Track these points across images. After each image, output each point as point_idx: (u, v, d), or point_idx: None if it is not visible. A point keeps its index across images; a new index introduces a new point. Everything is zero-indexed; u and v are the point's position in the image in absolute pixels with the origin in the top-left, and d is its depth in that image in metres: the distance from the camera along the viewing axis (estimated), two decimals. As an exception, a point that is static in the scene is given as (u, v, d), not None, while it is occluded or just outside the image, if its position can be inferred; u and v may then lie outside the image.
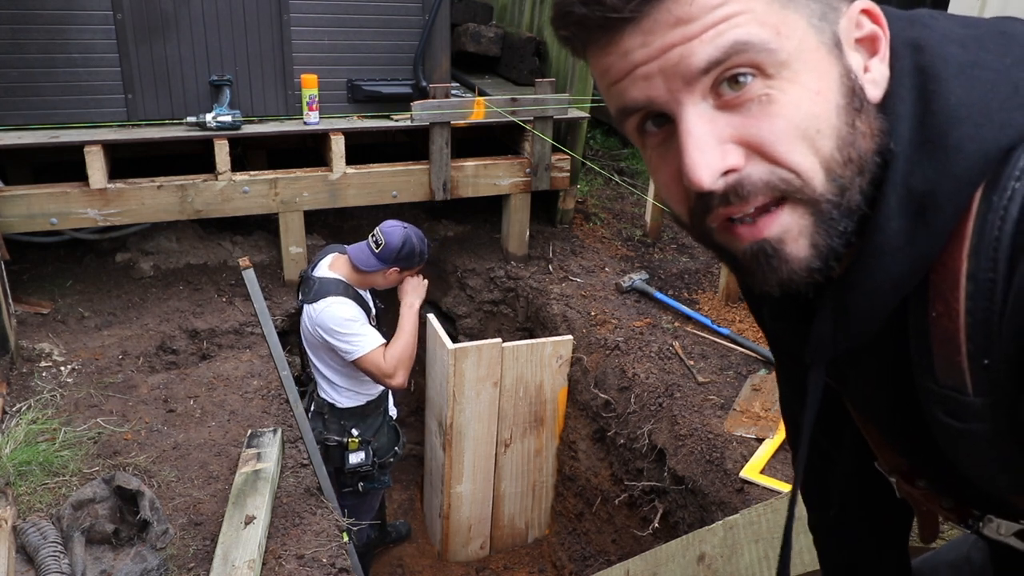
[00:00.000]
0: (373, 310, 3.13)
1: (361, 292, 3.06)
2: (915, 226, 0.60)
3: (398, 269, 3.01)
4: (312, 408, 3.17)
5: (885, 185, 0.61)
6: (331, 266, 3.06)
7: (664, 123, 0.64)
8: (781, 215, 0.62)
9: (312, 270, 3.09)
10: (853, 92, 0.61)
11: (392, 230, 2.99)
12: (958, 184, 0.58)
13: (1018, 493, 0.65)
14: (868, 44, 0.63)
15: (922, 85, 0.61)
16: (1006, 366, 0.57)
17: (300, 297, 3.09)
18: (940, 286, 0.60)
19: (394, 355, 2.95)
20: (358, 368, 2.97)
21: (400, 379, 2.95)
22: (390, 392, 3.31)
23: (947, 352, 0.60)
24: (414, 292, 3.13)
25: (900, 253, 0.61)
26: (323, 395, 3.13)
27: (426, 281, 3.20)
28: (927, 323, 0.61)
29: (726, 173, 0.60)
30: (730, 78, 0.59)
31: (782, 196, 0.61)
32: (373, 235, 3.00)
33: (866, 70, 0.63)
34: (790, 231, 0.62)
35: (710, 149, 0.60)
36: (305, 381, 3.30)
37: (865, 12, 0.63)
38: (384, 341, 2.96)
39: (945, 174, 0.59)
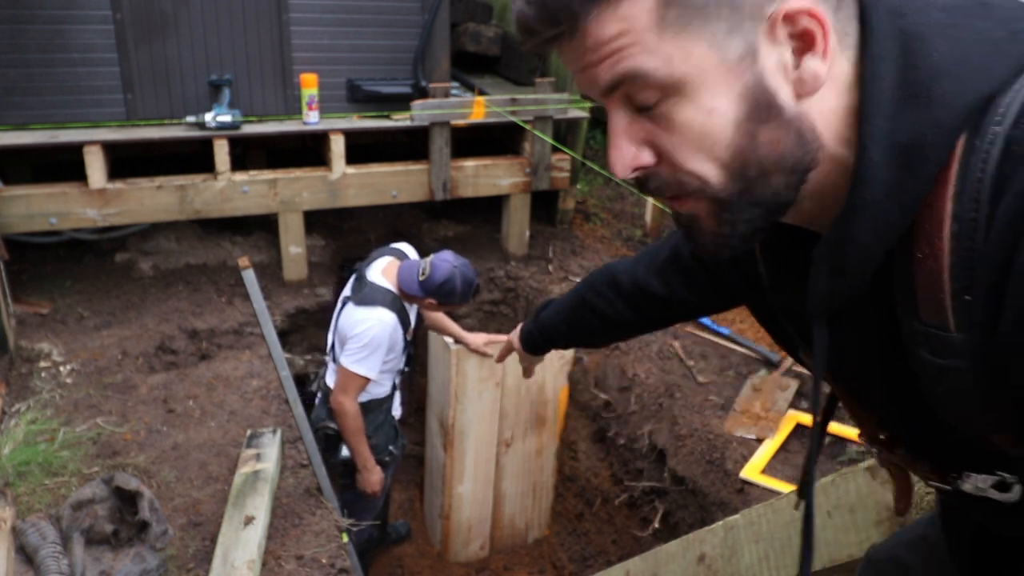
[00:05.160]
0: (412, 324, 3.10)
1: (407, 307, 3.02)
2: (902, 175, 0.64)
3: (435, 302, 2.96)
4: (319, 394, 3.19)
5: (865, 140, 0.65)
6: (384, 271, 2.99)
7: None
8: (689, 200, 0.71)
9: (366, 268, 3.05)
10: (757, 104, 0.66)
11: (441, 264, 2.89)
12: (942, 132, 0.62)
13: (993, 431, 0.68)
14: (800, 41, 0.65)
15: (905, 45, 0.64)
16: (982, 299, 0.60)
17: (349, 292, 3.04)
18: (925, 228, 0.64)
19: (352, 411, 2.94)
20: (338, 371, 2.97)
21: (343, 403, 2.93)
22: (396, 392, 3.30)
23: (931, 291, 0.64)
24: (366, 484, 3.13)
25: (887, 202, 0.65)
26: (329, 381, 3.12)
27: (377, 488, 3.17)
28: (912, 265, 0.65)
29: (638, 168, 0.70)
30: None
31: (687, 192, 0.70)
32: (424, 262, 2.94)
33: (796, 68, 0.66)
34: (698, 212, 0.71)
35: (624, 148, 0.70)
36: (307, 383, 3.29)
37: (800, 13, 0.64)
38: (372, 378, 2.91)
39: (929, 124, 0.62)
